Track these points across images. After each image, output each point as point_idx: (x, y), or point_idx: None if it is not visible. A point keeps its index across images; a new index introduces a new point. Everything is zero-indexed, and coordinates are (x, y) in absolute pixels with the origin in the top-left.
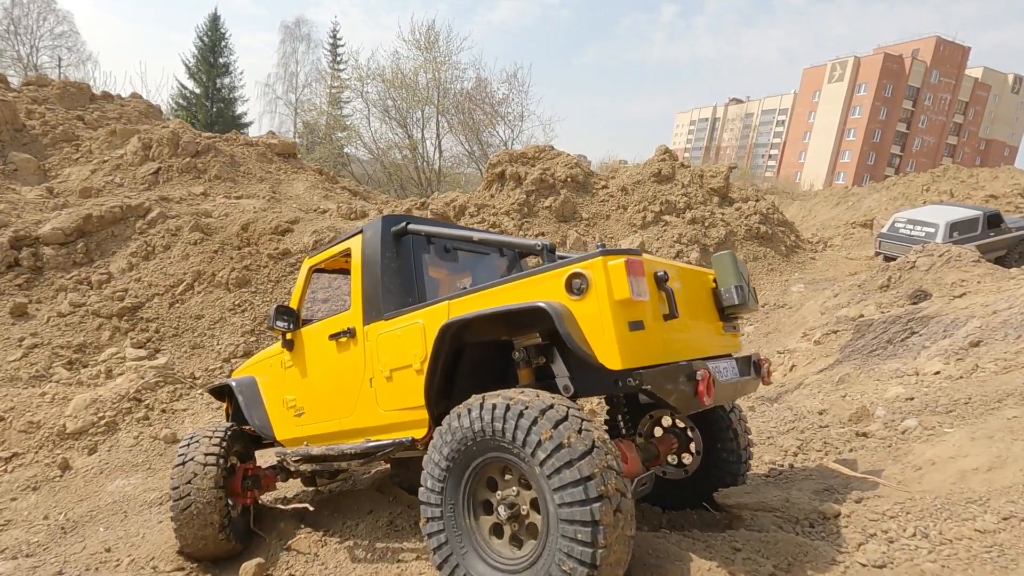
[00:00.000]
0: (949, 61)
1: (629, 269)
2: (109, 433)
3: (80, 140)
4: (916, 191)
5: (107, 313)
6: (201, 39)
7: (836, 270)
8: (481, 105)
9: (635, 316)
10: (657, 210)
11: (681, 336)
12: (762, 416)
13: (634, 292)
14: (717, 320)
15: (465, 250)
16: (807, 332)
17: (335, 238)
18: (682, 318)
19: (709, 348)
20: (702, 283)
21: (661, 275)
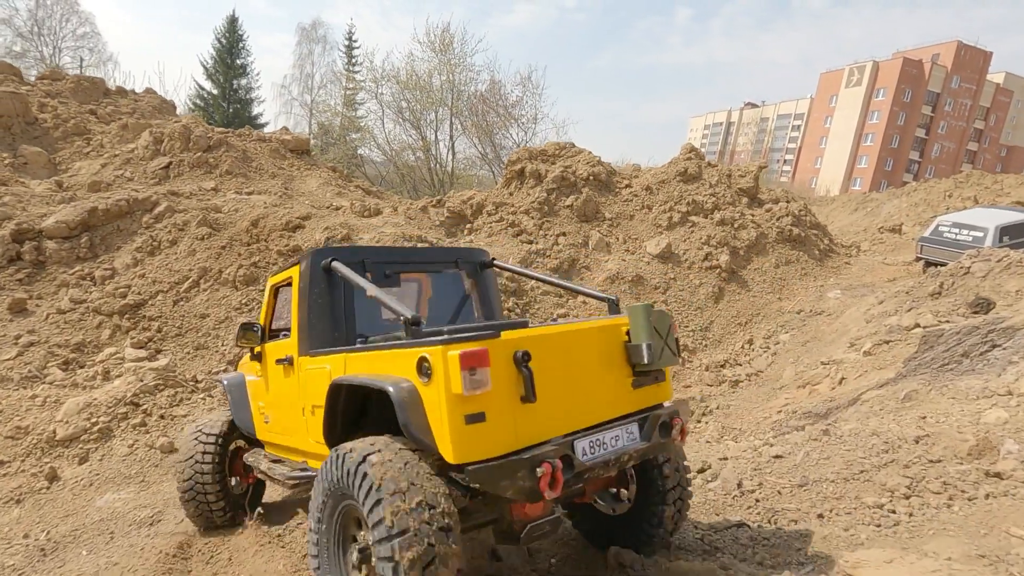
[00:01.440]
0: (970, 66)
1: (464, 362)
2: (102, 440)
3: (92, 134)
4: (938, 197)
5: (108, 311)
6: (219, 40)
7: (873, 276)
8: (495, 107)
9: (473, 409)
10: (684, 210)
11: (548, 413)
12: (842, 442)
13: (467, 387)
14: (626, 376)
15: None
16: (854, 342)
17: (347, 236)
18: (559, 389)
19: (602, 413)
20: (608, 338)
21: (520, 356)
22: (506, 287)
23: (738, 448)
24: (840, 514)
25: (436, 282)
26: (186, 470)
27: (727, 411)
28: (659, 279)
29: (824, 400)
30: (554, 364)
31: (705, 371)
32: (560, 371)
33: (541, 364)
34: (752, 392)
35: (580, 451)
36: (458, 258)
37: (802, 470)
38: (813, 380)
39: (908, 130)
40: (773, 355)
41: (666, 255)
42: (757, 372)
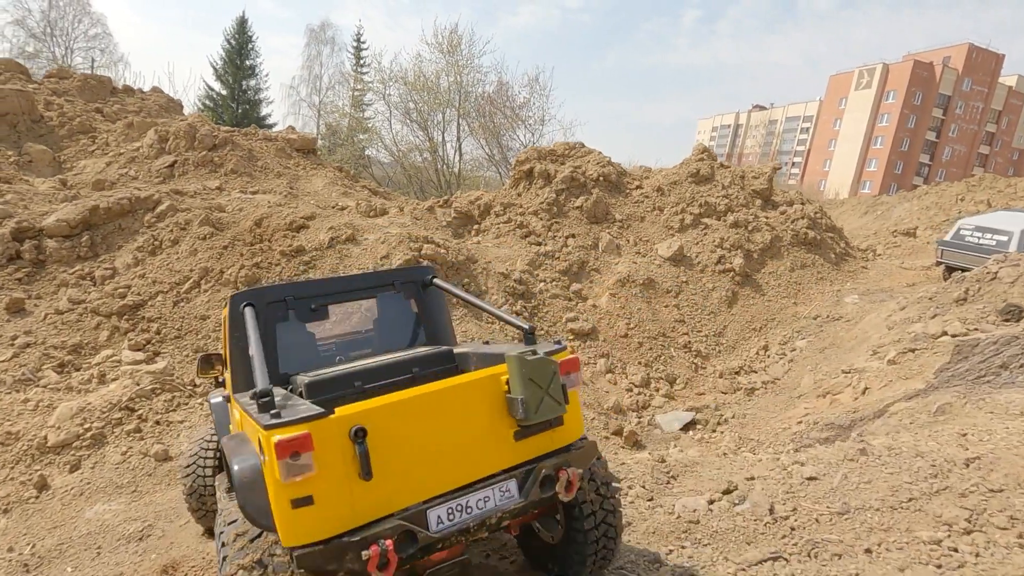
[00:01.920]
0: (982, 69)
1: (281, 450)
2: (95, 447)
3: (97, 132)
4: (950, 201)
5: (107, 311)
6: (229, 41)
7: (891, 280)
8: (502, 108)
9: (297, 493)
10: (696, 212)
11: (394, 485)
12: (883, 464)
13: (286, 474)
14: (508, 428)
15: (341, 301)
16: (876, 350)
17: (351, 236)
18: (409, 458)
19: (473, 471)
20: (482, 391)
21: (355, 433)
22: (514, 290)
23: (765, 466)
24: (891, 549)
25: (381, 304)
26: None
27: (743, 420)
28: (671, 282)
29: (847, 411)
30: (402, 433)
31: (719, 378)
32: (410, 438)
33: (384, 436)
34: (769, 400)
35: (434, 520)
36: (395, 280)
37: (841, 495)
38: (834, 389)
39: (918, 133)
40: (790, 362)
41: (678, 258)
42: (774, 380)
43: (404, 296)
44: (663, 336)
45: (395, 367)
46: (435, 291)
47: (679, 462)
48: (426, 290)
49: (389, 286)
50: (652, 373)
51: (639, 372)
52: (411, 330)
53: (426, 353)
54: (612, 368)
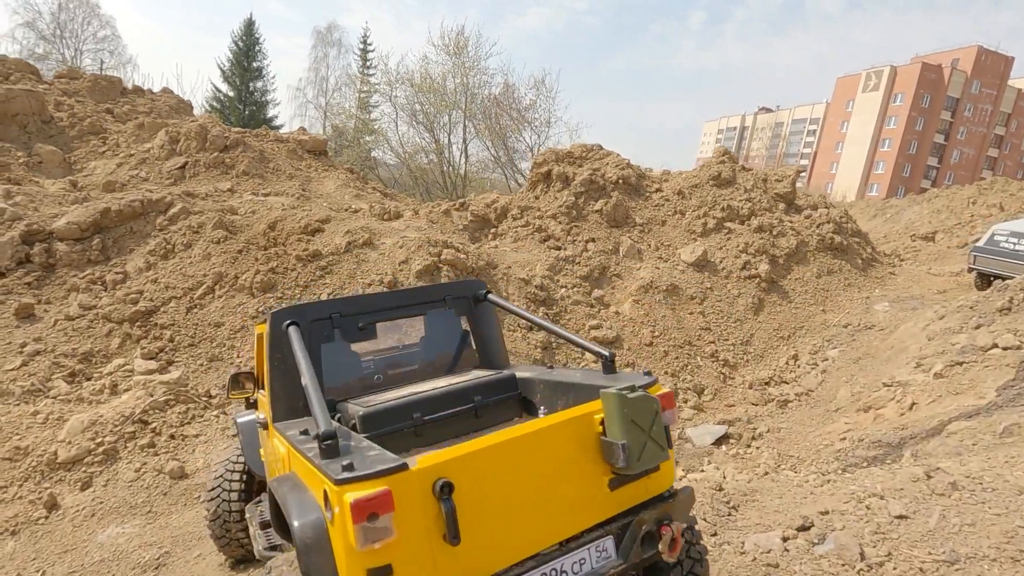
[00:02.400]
0: (991, 71)
1: (356, 513)
2: (107, 463)
3: (108, 133)
4: (961, 204)
5: (118, 317)
6: (236, 43)
7: (920, 287)
8: (508, 110)
9: (376, 562)
10: (719, 216)
11: (483, 548)
12: (981, 502)
13: (362, 541)
14: (602, 475)
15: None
16: (920, 362)
17: (368, 240)
18: (499, 516)
19: (566, 529)
20: (575, 433)
21: (440, 488)
22: (536, 296)
23: (837, 499)
24: None
25: (429, 321)
26: (212, 507)
27: (779, 435)
28: (695, 289)
29: (894, 428)
30: (491, 485)
31: (749, 389)
32: (499, 492)
33: (472, 490)
34: (804, 414)
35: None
36: (447, 295)
37: (943, 539)
38: (876, 403)
39: (927, 136)
40: (823, 373)
41: (702, 263)
42: (807, 391)
43: (455, 313)
44: (689, 345)
45: (454, 396)
46: (487, 307)
47: (737, 490)
48: (478, 306)
49: (440, 302)
50: (679, 383)
51: (666, 383)
52: (461, 350)
53: (487, 379)
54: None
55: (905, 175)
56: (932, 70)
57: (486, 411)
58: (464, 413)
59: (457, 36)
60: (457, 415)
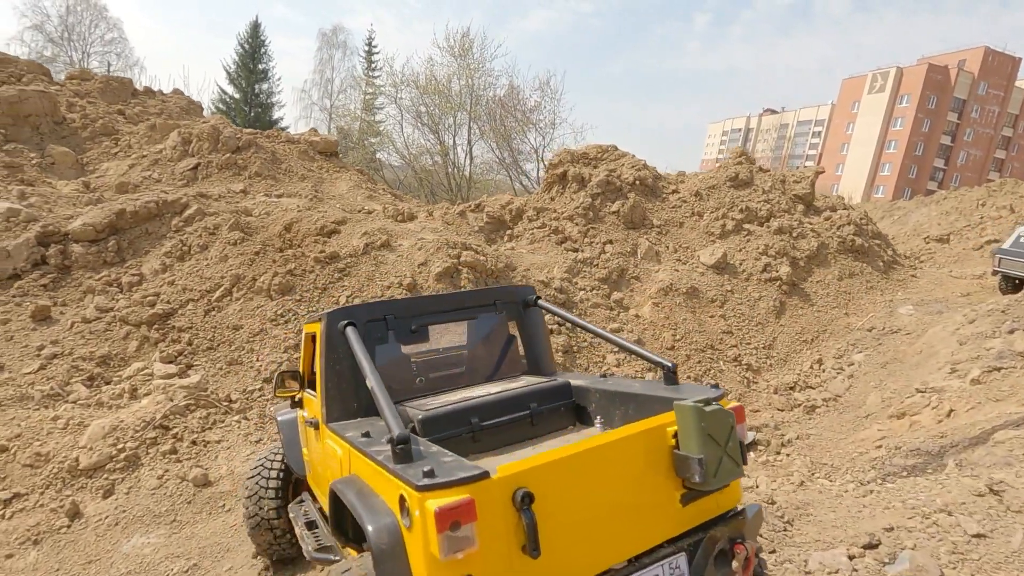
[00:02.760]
0: (998, 72)
1: (440, 521)
2: (129, 470)
3: (120, 134)
4: (970, 206)
5: (136, 320)
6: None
7: (943, 290)
8: (513, 112)
9: (457, 572)
10: (738, 218)
11: (561, 561)
12: None
13: (446, 551)
14: (674, 490)
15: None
16: (954, 367)
17: (386, 242)
18: (576, 528)
19: (638, 544)
20: (648, 445)
21: (520, 498)
22: (555, 299)
23: (899, 513)
24: None
25: (478, 325)
26: (250, 506)
27: (808, 441)
28: (715, 291)
29: (933, 436)
30: (568, 497)
31: (774, 394)
32: (577, 504)
33: (550, 501)
34: (833, 420)
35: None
36: (496, 299)
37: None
38: (910, 410)
39: (933, 137)
40: (849, 378)
41: (721, 265)
42: (835, 397)
43: (505, 317)
44: (711, 348)
45: (511, 402)
46: (536, 313)
47: (790, 503)
48: (527, 311)
49: (490, 306)
50: None
51: None
52: (508, 355)
53: (543, 386)
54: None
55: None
56: (938, 71)
57: (541, 419)
58: (520, 420)
59: (462, 38)
60: (513, 422)
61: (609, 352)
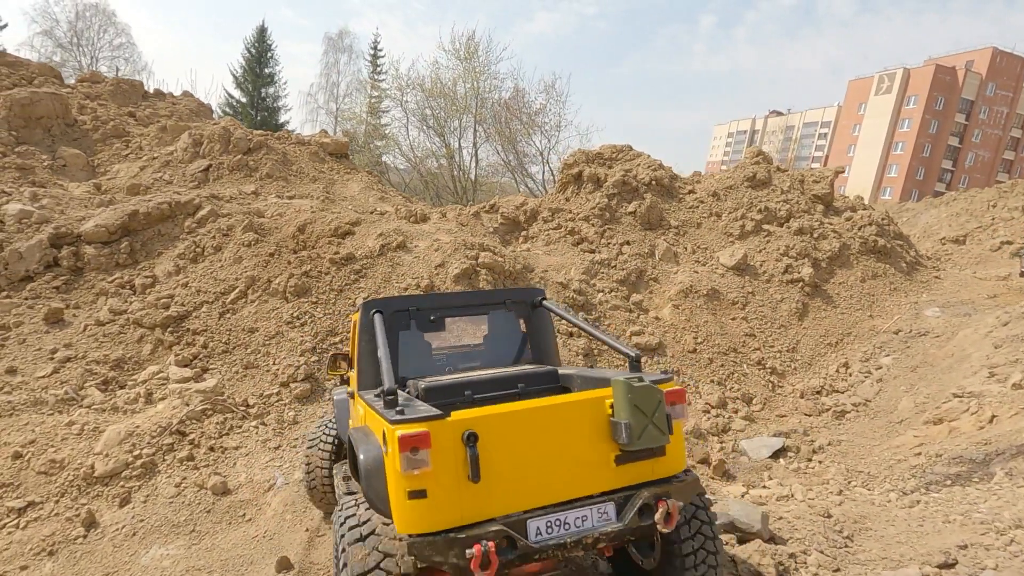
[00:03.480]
0: (1007, 73)
1: (403, 444)
2: (146, 477)
3: (131, 136)
4: (981, 207)
5: (150, 323)
6: (249, 50)
7: (969, 292)
8: (518, 115)
9: (414, 486)
10: (757, 218)
11: (500, 491)
12: None
13: (405, 466)
14: (610, 451)
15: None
16: (993, 371)
17: (402, 243)
18: (514, 467)
19: (572, 490)
20: (586, 412)
21: (467, 436)
22: (574, 301)
23: (971, 530)
24: None
25: (492, 321)
26: (307, 472)
27: (840, 448)
28: (736, 293)
29: (975, 443)
30: (509, 442)
31: (800, 398)
32: (516, 449)
33: (493, 443)
34: (863, 426)
35: (533, 531)
36: (507, 299)
37: None
38: (948, 415)
39: (940, 139)
40: (878, 382)
41: (742, 267)
42: (865, 401)
43: (515, 315)
44: (734, 352)
45: (503, 381)
46: (543, 312)
47: (847, 516)
48: (535, 310)
49: (501, 304)
50: (727, 392)
51: (714, 392)
52: (518, 347)
53: (532, 371)
54: (685, 387)
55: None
56: (946, 72)
57: (528, 397)
58: (509, 396)
59: (468, 41)
60: (502, 396)
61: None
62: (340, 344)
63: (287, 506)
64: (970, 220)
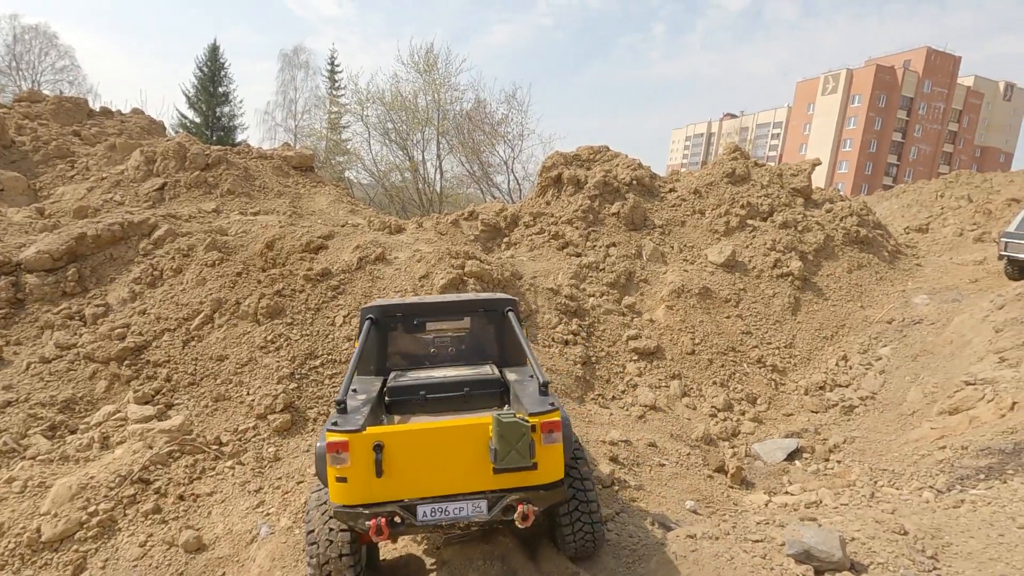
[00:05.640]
0: (941, 71)
1: (329, 447)
2: (104, 538)
3: (76, 156)
4: (930, 198)
5: (103, 356)
6: (201, 69)
7: (951, 278)
8: (481, 125)
9: (338, 474)
10: (741, 214)
11: (399, 483)
12: None
13: (331, 462)
14: (488, 463)
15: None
16: (1003, 356)
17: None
18: (411, 468)
19: (456, 487)
20: (470, 433)
21: (375, 445)
22: (566, 307)
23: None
24: None
25: (471, 325)
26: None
27: (855, 445)
28: (728, 291)
29: (1001, 432)
30: (407, 450)
31: (805, 395)
32: (413, 455)
33: (394, 451)
34: (874, 420)
35: (421, 513)
36: (481, 307)
37: None
38: (963, 405)
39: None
40: (880, 373)
41: (731, 263)
42: (871, 394)
43: (487, 321)
44: (733, 351)
45: (451, 384)
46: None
47: (923, 531)
48: (504, 318)
49: (476, 311)
50: (731, 395)
51: (718, 394)
52: (489, 348)
53: (478, 376)
54: (687, 391)
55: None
56: (886, 72)
57: (475, 398)
58: (455, 399)
59: (427, 54)
60: (451, 398)
61: (629, 361)
62: (320, 368)
63: (275, 560)
64: (921, 211)
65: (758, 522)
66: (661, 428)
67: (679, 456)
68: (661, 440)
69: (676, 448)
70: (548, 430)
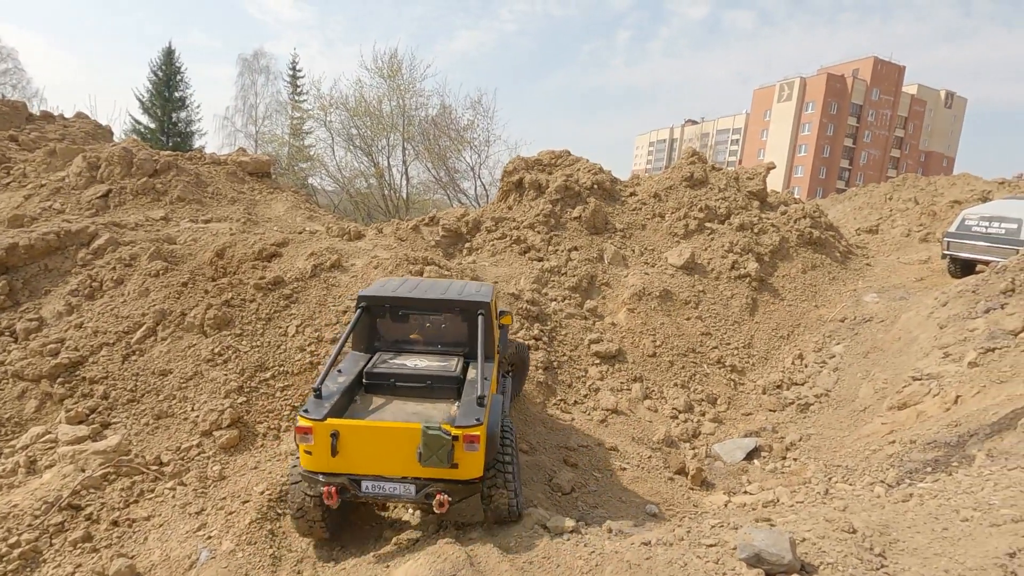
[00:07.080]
0: (887, 79)
1: (297, 430)
2: (26, 571)
3: (12, 163)
4: (880, 200)
5: (34, 374)
6: (155, 73)
7: (898, 276)
8: (447, 131)
9: (304, 448)
10: (699, 217)
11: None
12: None
13: (299, 440)
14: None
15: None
16: (946, 351)
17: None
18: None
19: (392, 471)
20: (404, 437)
21: (332, 432)
22: (528, 312)
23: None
24: None
25: (446, 320)
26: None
27: (812, 442)
28: (688, 292)
29: (946, 426)
30: (355, 440)
31: (763, 394)
32: (361, 443)
33: (347, 438)
34: (829, 417)
35: (364, 486)
36: (458, 306)
37: None
38: (911, 400)
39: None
40: (834, 371)
41: (690, 266)
42: (825, 392)
43: (462, 318)
44: (693, 352)
45: (417, 376)
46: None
47: (871, 528)
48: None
49: (452, 309)
50: (692, 396)
51: (679, 395)
52: (462, 343)
53: (441, 373)
54: (649, 393)
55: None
56: (836, 80)
57: (436, 389)
58: (418, 389)
59: (391, 59)
60: (415, 388)
61: (591, 365)
62: (271, 380)
63: None
64: (872, 212)
65: (712, 525)
66: (623, 432)
67: (640, 459)
68: (623, 444)
69: (638, 451)
70: (469, 441)
